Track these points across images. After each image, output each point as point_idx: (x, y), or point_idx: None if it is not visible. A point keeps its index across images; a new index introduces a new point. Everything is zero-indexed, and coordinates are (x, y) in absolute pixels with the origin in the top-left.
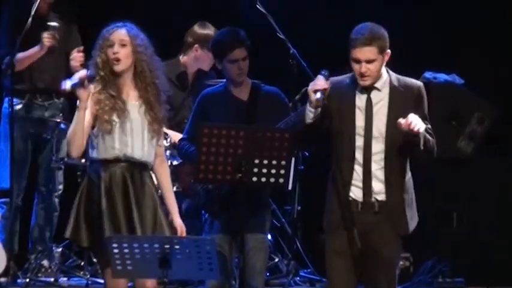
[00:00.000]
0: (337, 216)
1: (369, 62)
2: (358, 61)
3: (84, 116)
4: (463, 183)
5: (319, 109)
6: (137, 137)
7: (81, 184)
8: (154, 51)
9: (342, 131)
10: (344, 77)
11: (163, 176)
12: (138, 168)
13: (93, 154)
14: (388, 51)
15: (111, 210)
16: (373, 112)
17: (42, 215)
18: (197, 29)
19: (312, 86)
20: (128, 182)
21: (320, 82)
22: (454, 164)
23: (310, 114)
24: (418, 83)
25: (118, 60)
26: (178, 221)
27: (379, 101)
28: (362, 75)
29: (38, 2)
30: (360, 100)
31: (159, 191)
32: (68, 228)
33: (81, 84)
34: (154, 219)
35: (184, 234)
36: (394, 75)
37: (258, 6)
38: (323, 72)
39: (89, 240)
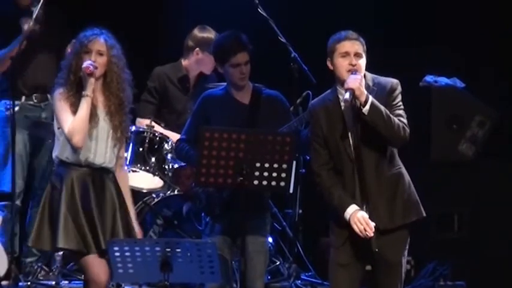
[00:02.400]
0: (345, 231)
1: (357, 55)
2: (347, 54)
3: (90, 103)
4: (464, 186)
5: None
6: (101, 143)
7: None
8: (125, 63)
9: (336, 144)
10: (325, 94)
11: (122, 182)
12: (99, 173)
13: (56, 154)
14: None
15: (71, 214)
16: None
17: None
18: (197, 32)
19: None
20: (88, 186)
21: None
22: (455, 167)
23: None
24: (393, 80)
25: (96, 68)
26: (136, 228)
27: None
28: (352, 66)
29: (40, 5)
30: (346, 109)
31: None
32: (30, 236)
33: (87, 69)
34: (112, 225)
35: None
36: (369, 76)
37: (259, 10)
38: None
39: (52, 244)
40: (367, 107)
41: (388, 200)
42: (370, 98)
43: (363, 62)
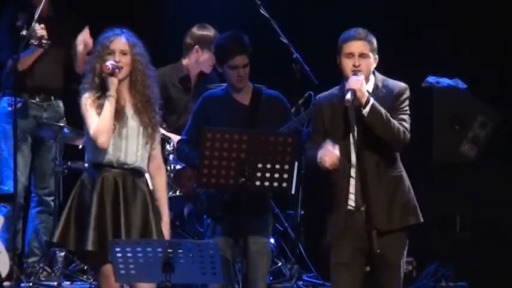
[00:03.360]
0: (340, 228)
1: (361, 56)
2: (351, 55)
3: (114, 103)
4: (466, 187)
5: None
6: (132, 141)
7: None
8: (149, 60)
9: (337, 142)
10: (332, 90)
11: (159, 183)
12: (131, 175)
13: (89, 157)
14: (377, 56)
15: (100, 217)
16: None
17: (39, 218)
18: (196, 30)
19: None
20: (119, 189)
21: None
22: (457, 168)
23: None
24: (402, 84)
25: (121, 68)
26: (165, 232)
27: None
28: (355, 67)
29: (42, 5)
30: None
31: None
32: (56, 233)
33: (115, 69)
34: (144, 226)
35: None
36: (380, 77)
37: (261, 10)
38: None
39: (77, 244)
40: (367, 108)
41: (387, 201)
42: (371, 100)
43: (367, 62)
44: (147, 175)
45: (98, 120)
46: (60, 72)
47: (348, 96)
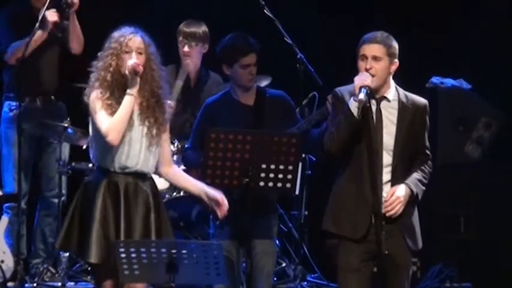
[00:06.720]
0: (363, 232)
1: (374, 59)
2: (365, 57)
3: (133, 102)
4: (470, 188)
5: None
6: (135, 144)
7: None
8: (160, 61)
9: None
10: (351, 86)
11: (176, 174)
12: (134, 178)
13: (92, 158)
14: (396, 61)
15: (103, 225)
16: (383, 125)
17: (45, 220)
18: (183, 27)
19: (358, 81)
20: (120, 194)
21: (361, 79)
22: (461, 169)
23: (356, 109)
24: (424, 100)
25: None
26: (211, 192)
27: (388, 114)
28: (366, 70)
29: (46, 5)
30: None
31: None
32: (59, 238)
33: (137, 67)
34: (144, 229)
35: (224, 200)
36: (402, 91)
37: (265, 11)
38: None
39: (79, 251)
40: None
41: (412, 218)
42: (415, 192)
43: (381, 65)
44: (155, 176)
45: (112, 117)
46: (57, 73)
47: (361, 96)
